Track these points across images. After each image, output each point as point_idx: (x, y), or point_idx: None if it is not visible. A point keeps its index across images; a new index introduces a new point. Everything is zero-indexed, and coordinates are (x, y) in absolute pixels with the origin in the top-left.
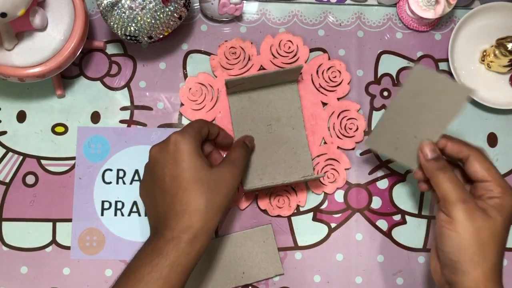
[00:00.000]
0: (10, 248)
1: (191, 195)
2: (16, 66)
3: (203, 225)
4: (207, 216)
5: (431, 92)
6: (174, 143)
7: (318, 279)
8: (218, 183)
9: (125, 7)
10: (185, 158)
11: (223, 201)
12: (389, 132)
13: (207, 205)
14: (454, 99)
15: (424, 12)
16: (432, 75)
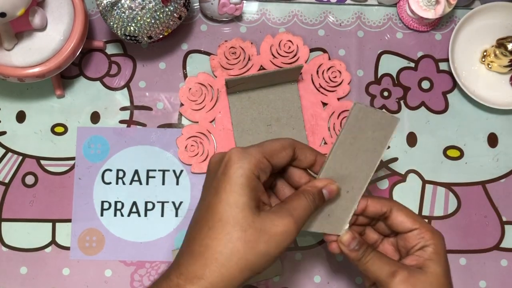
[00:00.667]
0: (10, 249)
1: (216, 237)
2: (16, 66)
3: (219, 281)
4: (227, 271)
5: (365, 133)
6: (226, 163)
7: (318, 280)
8: (259, 234)
9: (124, 7)
10: (228, 187)
11: (257, 260)
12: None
13: (232, 257)
14: (385, 132)
15: (425, 12)
16: (369, 112)
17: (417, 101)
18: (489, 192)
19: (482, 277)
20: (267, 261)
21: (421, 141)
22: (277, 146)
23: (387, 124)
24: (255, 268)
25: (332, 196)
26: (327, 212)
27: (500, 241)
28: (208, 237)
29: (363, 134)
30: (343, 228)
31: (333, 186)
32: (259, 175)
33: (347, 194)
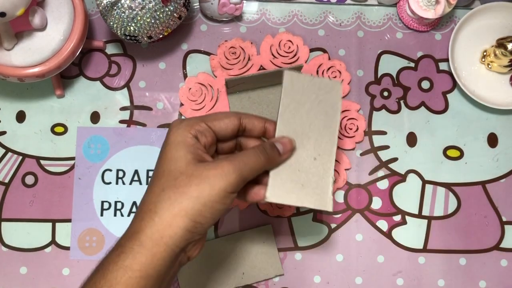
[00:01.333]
0: (10, 249)
1: (151, 190)
2: (16, 66)
3: (154, 231)
4: (160, 219)
5: (308, 97)
6: (168, 131)
7: (318, 280)
8: (190, 179)
9: (124, 6)
10: (167, 147)
11: (191, 205)
12: (287, 167)
13: (164, 205)
14: (331, 96)
15: (425, 12)
16: (303, 78)
17: (417, 101)
18: (489, 192)
19: (482, 277)
20: (204, 206)
21: (421, 141)
22: (219, 114)
23: (330, 87)
24: (193, 215)
25: (287, 149)
26: (300, 182)
27: (500, 241)
28: (146, 193)
29: (306, 98)
30: (328, 202)
31: (284, 139)
32: (197, 135)
33: (315, 161)
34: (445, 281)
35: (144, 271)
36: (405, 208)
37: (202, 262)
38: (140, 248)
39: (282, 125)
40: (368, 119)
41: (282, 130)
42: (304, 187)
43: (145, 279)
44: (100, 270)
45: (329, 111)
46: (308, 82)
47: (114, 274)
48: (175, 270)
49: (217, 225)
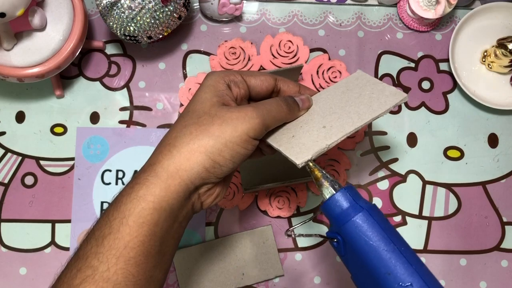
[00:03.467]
0: (9, 249)
1: (175, 126)
2: (15, 66)
3: (170, 163)
4: (178, 152)
5: (363, 90)
6: (205, 76)
7: (318, 281)
8: (213, 119)
9: (124, 7)
10: (198, 90)
11: (211, 143)
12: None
13: (184, 139)
14: (387, 99)
15: (425, 12)
16: (369, 78)
17: (417, 101)
18: (489, 192)
19: (482, 278)
20: (225, 146)
21: (422, 142)
22: (257, 72)
23: (391, 94)
24: (212, 152)
25: (304, 106)
26: (292, 133)
27: (500, 241)
28: (169, 130)
29: (360, 90)
30: (304, 157)
31: (303, 96)
32: (229, 84)
33: (322, 129)
34: (445, 281)
35: (157, 202)
36: (405, 209)
37: (202, 262)
38: (154, 179)
39: (319, 96)
40: None
41: (316, 99)
42: (293, 138)
43: (158, 212)
44: (114, 203)
45: (374, 106)
46: (373, 81)
47: (128, 206)
48: (187, 212)
49: (217, 225)
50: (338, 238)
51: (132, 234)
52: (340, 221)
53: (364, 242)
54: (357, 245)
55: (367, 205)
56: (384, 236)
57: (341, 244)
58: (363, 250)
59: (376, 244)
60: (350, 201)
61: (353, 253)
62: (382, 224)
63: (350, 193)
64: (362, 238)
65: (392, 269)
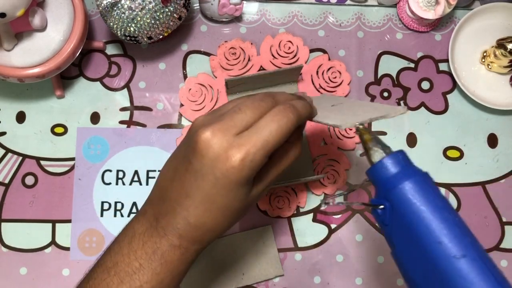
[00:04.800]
0: (10, 249)
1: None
2: (16, 66)
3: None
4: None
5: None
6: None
7: (318, 281)
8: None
9: (124, 7)
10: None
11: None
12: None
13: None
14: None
15: (424, 12)
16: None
17: (417, 101)
18: (489, 192)
19: None
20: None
21: (421, 142)
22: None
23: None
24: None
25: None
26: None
27: (500, 241)
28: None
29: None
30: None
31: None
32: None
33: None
34: None
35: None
36: None
37: (202, 262)
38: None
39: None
40: None
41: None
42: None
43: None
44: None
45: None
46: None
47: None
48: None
49: None
50: (385, 205)
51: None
52: (391, 185)
53: (416, 208)
54: (407, 212)
55: (421, 171)
56: (438, 204)
57: (388, 211)
58: (413, 217)
59: (428, 210)
60: (402, 165)
61: (400, 221)
62: (435, 192)
63: (403, 157)
64: (413, 204)
65: (443, 239)
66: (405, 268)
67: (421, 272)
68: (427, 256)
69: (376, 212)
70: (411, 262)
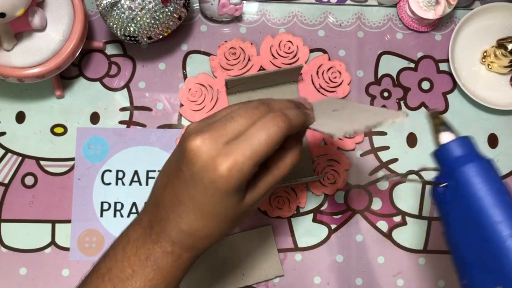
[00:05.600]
0: (9, 250)
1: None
2: (15, 66)
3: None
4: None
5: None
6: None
7: (318, 281)
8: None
9: (124, 7)
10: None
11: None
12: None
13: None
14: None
15: (425, 12)
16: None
17: (417, 101)
18: None
19: None
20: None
21: (421, 142)
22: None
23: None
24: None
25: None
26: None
27: None
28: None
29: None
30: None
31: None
32: None
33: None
34: (445, 282)
35: None
36: (405, 209)
37: (202, 262)
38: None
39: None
40: None
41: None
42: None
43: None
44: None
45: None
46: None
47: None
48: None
49: None
50: (450, 183)
51: None
52: (457, 165)
53: (479, 188)
54: (470, 191)
55: (485, 157)
56: (500, 187)
57: (452, 189)
58: (475, 196)
59: (490, 192)
60: (469, 149)
61: (461, 199)
62: (498, 177)
63: (470, 142)
64: (477, 184)
65: (503, 218)
66: (458, 247)
67: (474, 251)
68: (484, 235)
69: (436, 191)
70: (465, 241)
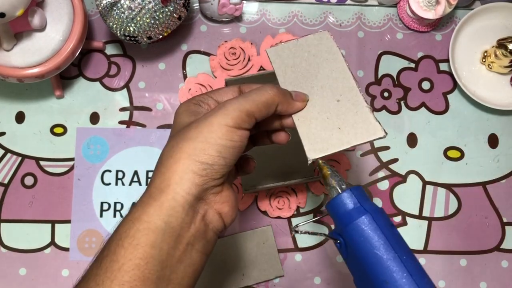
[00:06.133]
0: (9, 250)
1: (162, 150)
2: (15, 66)
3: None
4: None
5: (300, 56)
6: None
7: (318, 281)
8: (190, 126)
9: (124, 7)
10: (174, 120)
11: (190, 146)
12: (314, 120)
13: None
14: (323, 45)
15: (425, 12)
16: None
17: (417, 101)
18: (489, 193)
19: (482, 278)
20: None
21: (422, 142)
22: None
23: (318, 40)
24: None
25: (299, 97)
26: (336, 126)
27: (500, 242)
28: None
29: (299, 59)
30: (377, 128)
31: (297, 91)
32: (199, 104)
33: (339, 103)
34: (445, 282)
35: (152, 222)
36: (405, 209)
37: None
38: (149, 199)
39: (284, 85)
40: None
41: (286, 87)
42: (342, 128)
43: (154, 232)
44: (115, 227)
45: (329, 56)
46: (294, 47)
47: (124, 227)
48: (197, 230)
49: None
50: (340, 240)
51: (127, 257)
52: (343, 223)
53: (365, 246)
54: (358, 249)
55: (372, 208)
56: (386, 243)
57: (343, 246)
58: (363, 255)
59: (376, 250)
60: (354, 203)
61: (354, 257)
62: (386, 229)
63: (356, 194)
64: (363, 242)
65: (390, 278)
66: None
67: None
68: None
69: (335, 245)
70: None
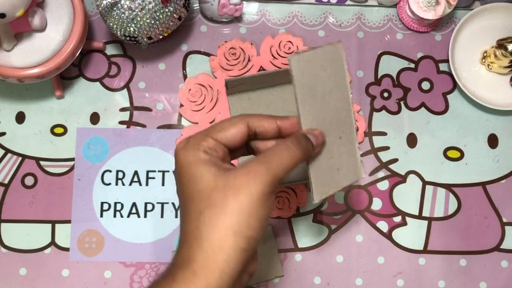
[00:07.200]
0: (9, 250)
1: (189, 217)
2: (15, 67)
3: (204, 258)
4: (207, 242)
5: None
6: (174, 155)
7: (318, 281)
8: (224, 191)
9: (124, 7)
10: (183, 170)
11: (235, 219)
12: (321, 159)
13: (208, 227)
14: (336, 63)
15: (425, 12)
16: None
17: (417, 102)
18: (489, 193)
19: (482, 278)
20: (249, 217)
21: (421, 142)
22: (224, 124)
23: (333, 53)
24: (241, 230)
25: (319, 142)
26: (336, 167)
27: (500, 242)
28: (184, 220)
29: (317, 79)
30: (360, 170)
31: (316, 132)
32: (207, 152)
33: (341, 140)
34: (445, 282)
35: None
36: (405, 209)
37: None
38: (194, 278)
39: (304, 117)
40: (368, 120)
41: (306, 121)
42: (339, 169)
43: None
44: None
45: (339, 82)
46: (313, 58)
47: None
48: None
49: None
50: None
51: None
52: None
53: None
54: None
55: None
56: None
57: None
58: None
59: None
60: None
61: None
62: None
63: None
64: None
65: None
66: None
67: None
68: None
69: None
70: None
